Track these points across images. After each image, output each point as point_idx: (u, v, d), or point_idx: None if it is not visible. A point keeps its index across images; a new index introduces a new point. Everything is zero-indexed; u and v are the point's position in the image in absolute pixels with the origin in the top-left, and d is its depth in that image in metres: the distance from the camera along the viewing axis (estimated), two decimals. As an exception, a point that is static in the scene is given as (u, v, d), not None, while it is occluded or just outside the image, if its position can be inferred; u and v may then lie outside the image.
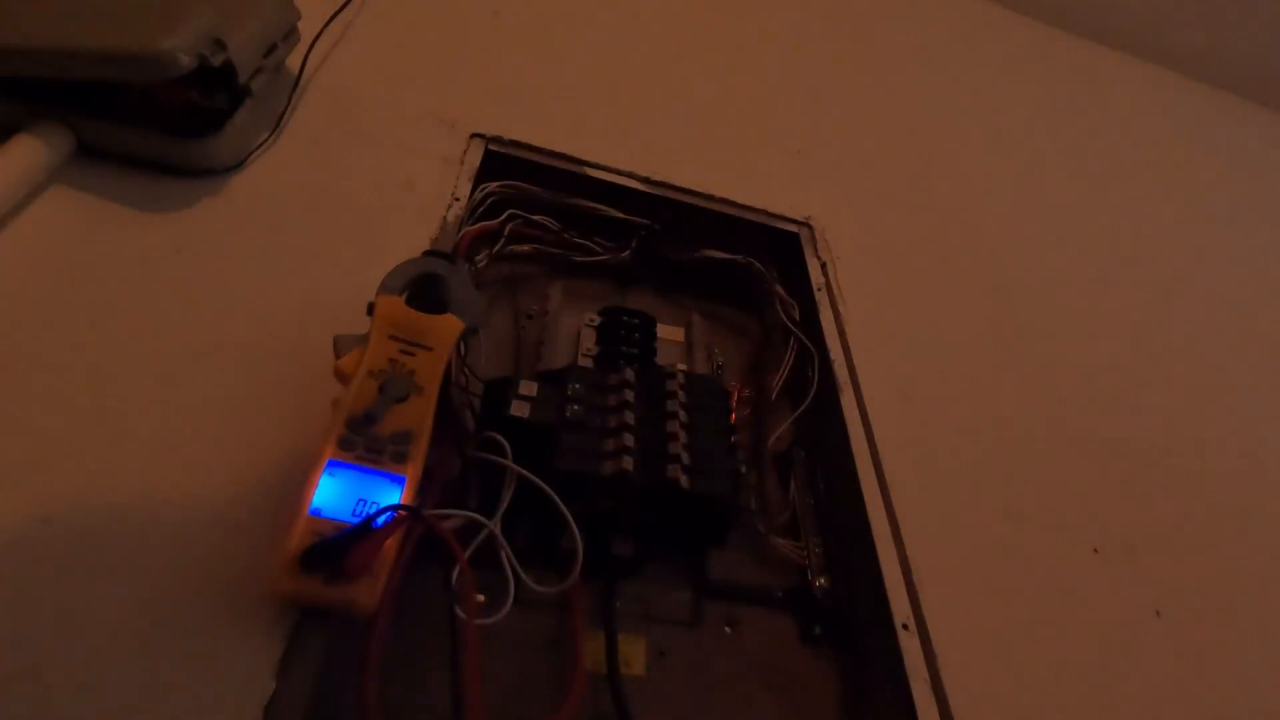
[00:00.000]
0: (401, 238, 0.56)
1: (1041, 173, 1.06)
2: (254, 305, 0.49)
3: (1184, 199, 1.18)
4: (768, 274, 0.68)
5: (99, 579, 0.36)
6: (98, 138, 0.51)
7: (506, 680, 0.43)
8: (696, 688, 0.46)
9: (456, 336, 0.47)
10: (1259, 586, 0.65)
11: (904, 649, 0.47)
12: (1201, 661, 0.57)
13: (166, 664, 0.35)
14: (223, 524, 0.39)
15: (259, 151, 0.57)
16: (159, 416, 0.42)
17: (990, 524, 0.58)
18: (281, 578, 0.35)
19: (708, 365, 0.64)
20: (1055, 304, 0.84)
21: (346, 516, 0.37)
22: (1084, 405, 0.73)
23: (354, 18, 0.72)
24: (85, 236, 0.48)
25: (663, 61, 0.90)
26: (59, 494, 0.38)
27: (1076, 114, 1.26)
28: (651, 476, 0.46)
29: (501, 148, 0.66)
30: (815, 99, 0.97)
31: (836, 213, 0.78)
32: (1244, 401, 0.85)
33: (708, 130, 0.82)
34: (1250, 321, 0.99)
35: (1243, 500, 0.73)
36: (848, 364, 0.63)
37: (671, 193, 0.70)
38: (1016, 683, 0.50)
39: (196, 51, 0.49)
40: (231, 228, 0.52)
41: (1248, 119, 1.52)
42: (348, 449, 0.39)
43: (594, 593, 0.46)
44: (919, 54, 1.20)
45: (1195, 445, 0.76)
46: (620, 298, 0.67)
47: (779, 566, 0.54)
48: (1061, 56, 1.39)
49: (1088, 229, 0.99)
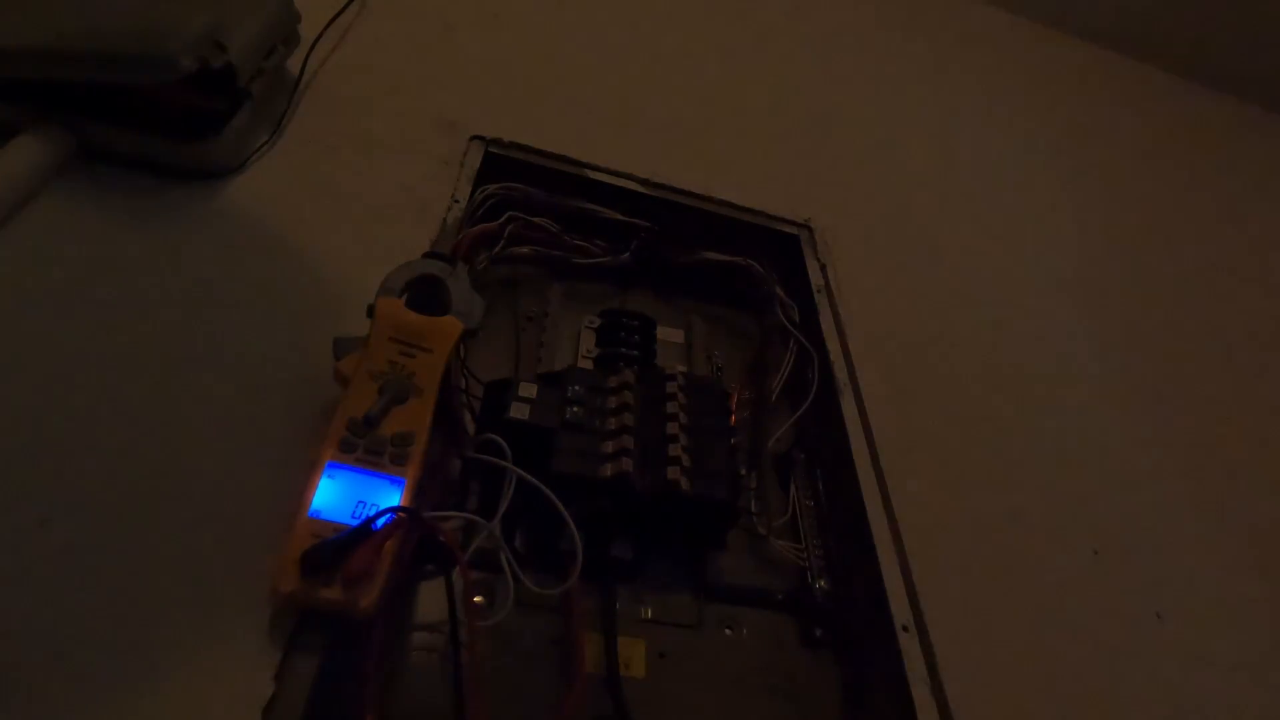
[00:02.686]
0: (401, 240, 0.56)
1: (1042, 174, 1.06)
2: (253, 306, 0.49)
3: (1185, 201, 1.18)
4: (768, 276, 0.68)
5: (98, 580, 0.36)
6: (98, 140, 0.51)
7: (506, 682, 0.43)
8: (696, 690, 0.46)
9: (456, 338, 0.47)
10: (1259, 588, 0.65)
11: (904, 651, 0.47)
12: (1202, 663, 0.57)
13: (165, 665, 0.35)
14: (222, 526, 0.39)
15: (259, 153, 0.57)
16: (158, 418, 0.42)
17: (990, 525, 0.58)
18: (281, 580, 0.35)
19: (707, 367, 0.64)
20: (1055, 304, 0.84)
21: (346, 519, 0.37)
22: (1084, 405, 0.73)
23: (354, 20, 0.72)
24: (85, 238, 0.48)
25: (662, 63, 0.90)
26: (58, 495, 0.38)
27: (1077, 116, 1.26)
28: (651, 479, 0.46)
29: (501, 150, 0.66)
30: (815, 100, 0.97)
31: (836, 215, 0.78)
32: (1244, 401, 0.85)
33: (708, 132, 0.82)
34: (1251, 322, 0.99)
35: (1243, 501, 0.73)
36: (847, 366, 0.63)
37: (671, 194, 0.70)
38: (1016, 684, 0.50)
39: (197, 54, 0.49)
40: (231, 230, 0.52)
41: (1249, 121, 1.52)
42: (347, 451, 0.39)
43: (594, 594, 0.46)
44: (919, 56, 1.20)
45: (1195, 445, 0.76)
46: (620, 300, 0.67)
47: (779, 568, 0.54)
48: (1062, 59, 1.39)
49: (1088, 229, 0.99)
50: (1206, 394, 0.83)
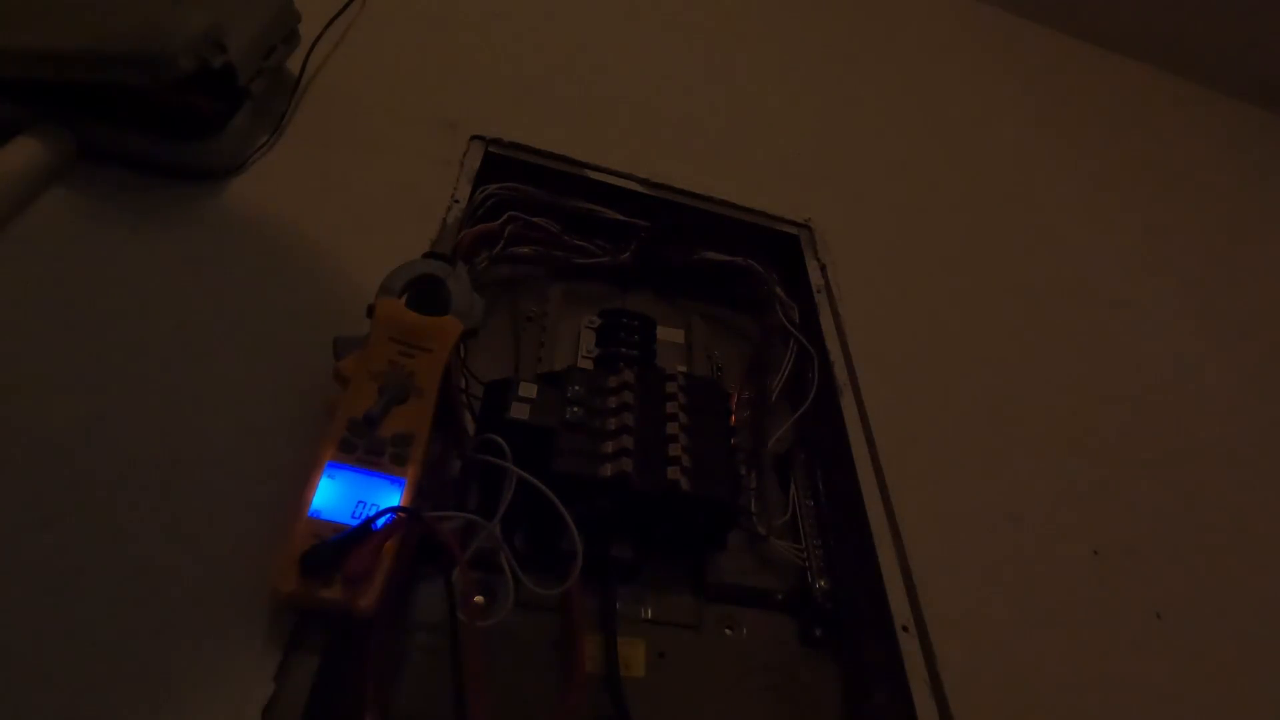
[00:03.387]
0: (401, 240, 0.56)
1: (1043, 174, 1.06)
2: (254, 307, 0.49)
3: (1186, 202, 1.18)
4: (768, 276, 0.68)
5: (97, 581, 0.36)
6: (98, 140, 0.51)
7: (506, 682, 0.43)
8: (696, 690, 0.46)
9: (456, 338, 0.47)
10: (1259, 589, 0.65)
11: (904, 651, 0.47)
12: (1202, 664, 0.57)
13: (165, 666, 0.35)
14: (222, 526, 0.39)
15: (259, 154, 0.57)
16: (157, 418, 0.42)
17: (990, 525, 0.58)
18: (281, 580, 0.35)
19: (707, 367, 0.64)
20: (1055, 304, 0.84)
21: (346, 519, 0.37)
22: (1084, 405, 0.73)
23: (354, 20, 0.72)
24: (85, 239, 0.48)
25: (663, 63, 0.90)
26: (59, 495, 0.38)
27: (1077, 116, 1.26)
28: (651, 479, 0.46)
29: (501, 150, 0.66)
30: (816, 101, 0.97)
31: (837, 215, 0.78)
32: (1244, 401, 0.85)
33: (708, 132, 0.82)
34: (1252, 323, 0.99)
35: (1243, 502, 0.73)
36: (847, 366, 0.63)
37: (671, 194, 0.70)
38: (1017, 685, 0.50)
39: (196, 54, 0.49)
40: (231, 230, 0.52)
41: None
42: (347, 451, 0.39)
43: (594, 595, 0.46)
44: (920, 56, 1.20)
45: (1196, 445, 0.76)
46: (620, 300, 0.67)
47: (779, 568, 0.54)
48: (1062, 59, 1.39)
49: (1088, 228, 0.99)
50: (1207, 393, 0.83)
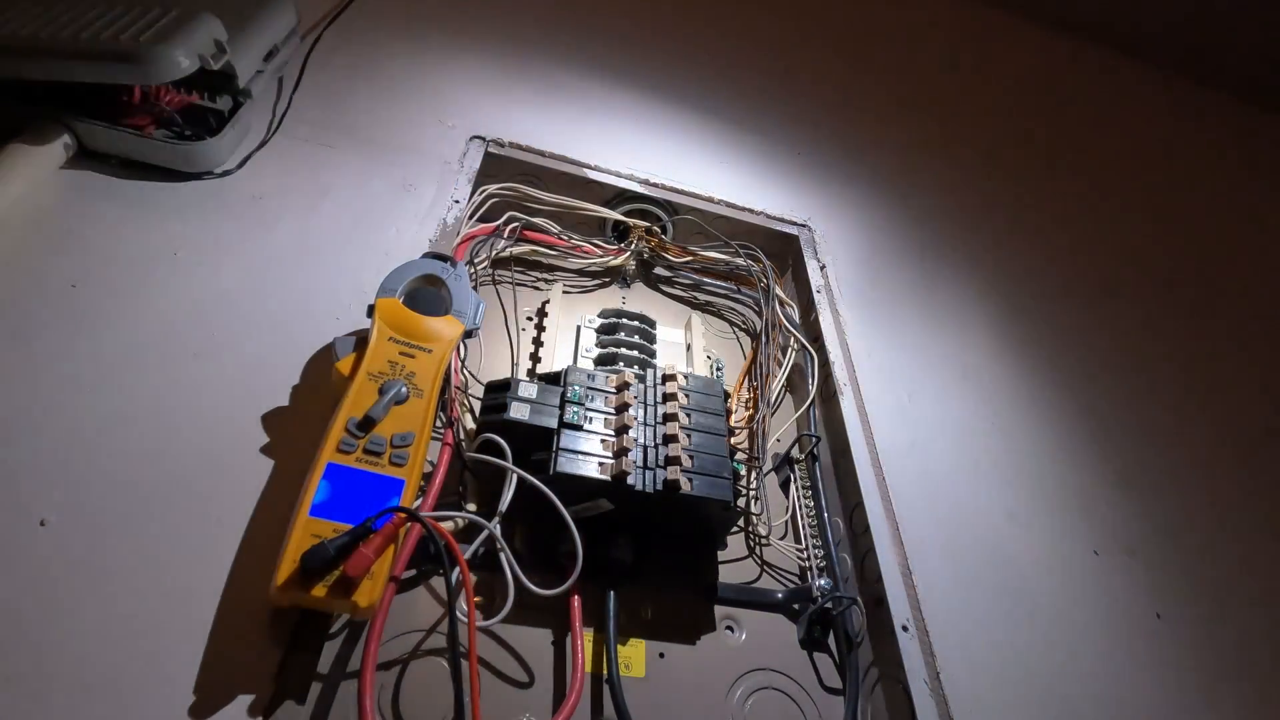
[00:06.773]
0: (401, 240, 0.56)
1: (1043, 173, 1.06)
2: (253, 307, 0.49)
3: (1187, 201, 1.18)
4: (767, 276, 0.68)
5: (97, 581, 0.36)
6: (98, 140, 0.51)
7: (506, 682, 0.42)
8: (696, 690, 0.46)
9: (456, 338, 0.47)
10: (1259, 589, 0.65)
11: (904, 651, 0.47)
12: (1202, 664, 0.57)
13: (165, 665, 0.35)
14: (221, 525, 0.39)
15: (258, 154, 0.57)
16: (157, 418, 0.42)
17: (990, 525, 0.58)
18: (281, 580, 0.35)
19: (707, 367, 0.64)
20: (1055, 304, 0.84)
21: (346, 519, 0.37)
22: (1084, 405, 0.73)
23: (353, 21, 0.72)
24: (85, 238, 0.48)
25: (663, 64, 0.90)
26: (59, 495, 0.38)
27: (1078, 115, 1.26)
28: (651, 479, 0.46)
29: (501, 150, 0.66)
30: (816, 101, 0.97)
31: (836, 215, 0.78)
32: (1244, 401, 0.85)
33: (707, 132, 0.82)
34: (1252, 322, 0.99)
35: (1243, 502, 0.73)
36: (847, 365, 0.63)
37: (671, 194, 0.70)
38: (1016, 684, 0.50)
39: (196, 54, 0.49)
40: (231, 230, 0.52)
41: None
42: (347, 451, 0.39)
43: (594, 595, 0.46)
44: (920, 57, 1.20)
45: (1196, 445, 0.76)
46: (620, 300, 0.67)
47: (779, 569, 0.54)
48: (1061, 59, 1.39)
49: (1088, 227, 0.99)
50: (1208, 394, 0.83)
